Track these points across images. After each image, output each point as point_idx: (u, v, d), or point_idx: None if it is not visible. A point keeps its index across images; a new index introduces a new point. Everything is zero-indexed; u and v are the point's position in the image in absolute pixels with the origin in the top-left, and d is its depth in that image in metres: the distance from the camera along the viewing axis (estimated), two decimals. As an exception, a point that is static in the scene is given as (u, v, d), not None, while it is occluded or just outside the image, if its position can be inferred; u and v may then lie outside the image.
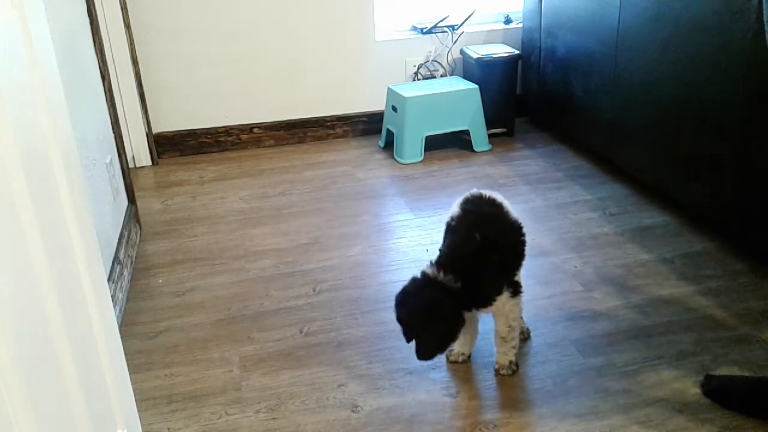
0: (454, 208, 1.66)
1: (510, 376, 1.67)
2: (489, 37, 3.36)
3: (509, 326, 1.62)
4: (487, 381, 1.66)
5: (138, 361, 1.77)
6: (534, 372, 1.68)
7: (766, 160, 1.92)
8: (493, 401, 1.59)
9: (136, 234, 2.40)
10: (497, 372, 1.68)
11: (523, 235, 1.63)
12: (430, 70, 3.34)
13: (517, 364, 1.68)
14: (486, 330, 1.75)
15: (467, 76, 3.25)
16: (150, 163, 3.11)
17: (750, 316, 1.84)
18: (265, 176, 2.94)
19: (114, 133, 2.41)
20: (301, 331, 1.88)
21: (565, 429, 1.50)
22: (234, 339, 1.86)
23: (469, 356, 1.73)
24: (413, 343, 1.53)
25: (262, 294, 2.07)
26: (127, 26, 2.87)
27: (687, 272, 2.06)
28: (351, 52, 3.23)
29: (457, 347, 1.71)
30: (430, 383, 1.66)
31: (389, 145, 3.18)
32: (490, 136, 3.16)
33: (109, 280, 1.89)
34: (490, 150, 3.12)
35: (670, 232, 2.31)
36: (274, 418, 1.57)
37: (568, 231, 2.35)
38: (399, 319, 1.54)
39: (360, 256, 2.26)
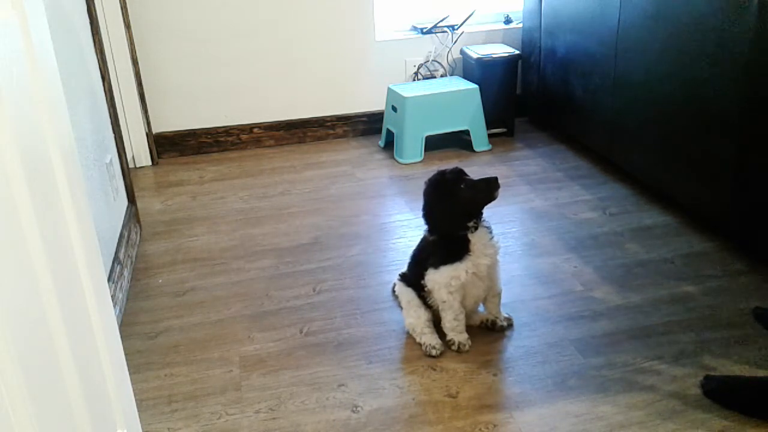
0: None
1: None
2: (489, 37, 3.36)
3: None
4: (487, 381, 1.66)
5: (138, 361, 1.77)
6: (534, 372, 1.68)
7: (766, 159, 1.92)
8: (493, 401, 1.59)
9: (136, 234, 2.40)
10: (500, 328, 1.82)
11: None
12: (430, 70, 3.34)
13: None
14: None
15: (467, 76, 3.25)
16: (150, 163, 3.11)
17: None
18: (265, 176, 2.94)
19: (114, 133, 2.41)
20: (301, 331, 1.88)
21: (565, 429, 1.49)
22: (234, 339, 1.86)
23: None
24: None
25: (262, 294, 2.06)
26: (127, 26, 2.87)
27: (687, 272, 2.06)
28: (351, 52, 3.23)
29: (460, 337, 1.74)
30: (430, 383, 1.66)
31: (389, 145, 3.18)
32: (490, 136, 3.16)
33: (109, 280, 1.89)
34: (490, 150, 3.12)
35: (670, 232, 2.31)
36: (274, 418, 1.57)
37: (568, 231, 2.35)
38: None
39: (360, 256, 2.26)
